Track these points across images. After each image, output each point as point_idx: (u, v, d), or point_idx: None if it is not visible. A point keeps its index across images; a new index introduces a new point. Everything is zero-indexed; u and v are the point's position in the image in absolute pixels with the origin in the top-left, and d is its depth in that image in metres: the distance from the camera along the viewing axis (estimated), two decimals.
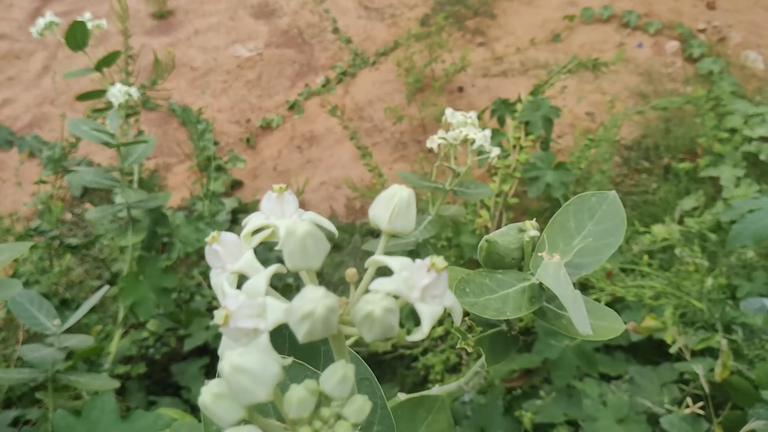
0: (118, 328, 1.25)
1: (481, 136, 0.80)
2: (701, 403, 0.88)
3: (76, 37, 1.18)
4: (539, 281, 0.41)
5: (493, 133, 1.41)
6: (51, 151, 1.74)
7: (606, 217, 0.44)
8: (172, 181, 2.31)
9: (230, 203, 1.93)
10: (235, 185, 2.26)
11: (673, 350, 1.03)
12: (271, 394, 0.24)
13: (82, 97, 1.24)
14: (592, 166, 1.79)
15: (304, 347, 0.37)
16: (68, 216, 1.99)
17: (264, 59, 2.93)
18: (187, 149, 2.35)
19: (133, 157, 1.14)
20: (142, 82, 2.38)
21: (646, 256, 1.29)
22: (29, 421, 1.01)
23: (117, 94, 1.13)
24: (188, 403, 1.28)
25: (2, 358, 1.18)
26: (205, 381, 0.25)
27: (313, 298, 0.24)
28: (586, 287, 1.20)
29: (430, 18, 2.97)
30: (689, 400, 0.89)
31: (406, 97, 2.55)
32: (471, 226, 1.46)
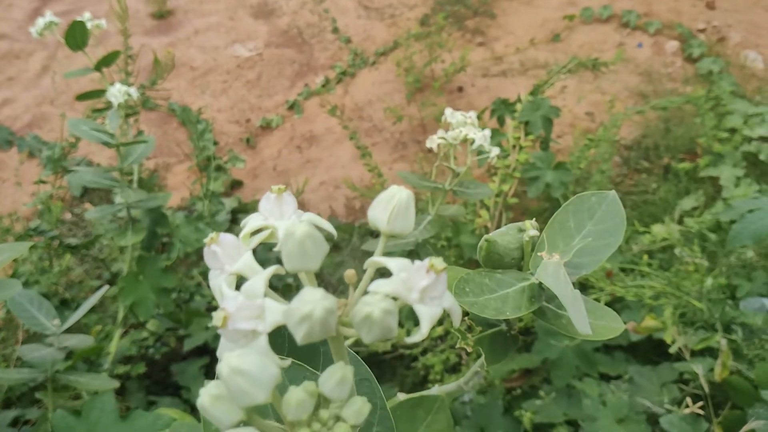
0: (117, 328, 1.25)
1: (481, 136, 0.80)
2: (701, 403, 0.88)
3: (76, 37, 1.18)
4: (539, 281, 0.41)
5: (493, 133, 1.41)
6: (51, 151, 1.74)
7: (605, 217, 0.44)
8: (172, 181, 2.31)
9: (230, 203, 1.93)
10: (235, 185, 2.26)
11: (672, 350, 1.03)
12: (269, 396, 0.24)
13: (82, 97, 1.24)
14: (592, 166, 1.79)
15: (303, 347, 0.37)
16: (68, 216, 1.99)
17: (263, 59, 2.92)
18: (187, 149, 2.35)
19: (133, 157, 1.14)
20: (142, 82, 2.38)
21: (646, 256, 1.29)
22: (29, 421, 1.01)
23: (116, 94, 1.13)
24: (188, 403, 1.28)
25: (2, 358, 1.18)
26: (205, 381, 0.25)
27: (312, 300, 0.24)
28: (586, 287, 1.20)
29: (430, 18, 2.97)
30: (689, 400, 0.89)
31: (406, 97, 2.55)
32: (471, 226, 1.46)
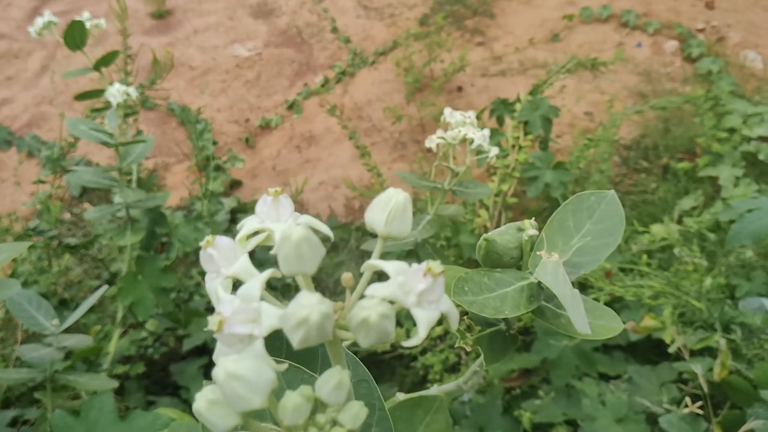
0: (116, 327, 1.24)
1: (480, 135, 0.80)
2: (700, 403, 0.88)
3: (75, 36, 1.17)
4: (538, 280, 0.41)
5: (492, 133, 1.41)
6: (50, 151, 1.74)
7: (605, 217, 0.44)
8: (171, 181, 2.31)
9: (229, 203, 1.93)
10: (234, 185, 2.26)
11: (671, 350, 1.03)
12: (266, 401, 0.24)
13: (81, 97, 1.24)
14: (591, 165, 1.79)
15: (301, 349, 0.37)
16: (67, 216, 1.99)
17: (263, 59, 2.92)
18: (186, 149, 2.34)
19: (132, 157, 1.14)
20: (141, 82, 2.38)
21: (645, 256, 1.29)
22: (28, 421, 1.01)
23: (115, 93, 1.13)
24: (187, 403, 1.28)
25: (1, 358, 1.18)
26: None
27: (308, 304, 0.24)
28: (585, 287, 1.20)
29: (429, 18, 2.97)
30: (688, 400, 0.89)
31: (405, 96, 2.55)
32: (470, 226, 1.45)
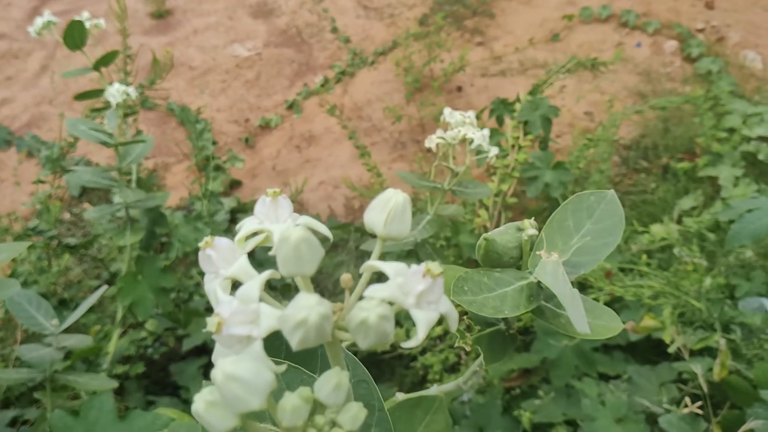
0: (116, 327, 1.24)
1: (480, 135, 0.80)
2: (700, 403, 0.88)
3: (74, 36, 1.17)
4: (537, 280, 0.41)
5: (492, 133, 1.41)
6: (49, 151, 1.73)
7: (604, 216, 0.44)
8: (171, 181, 2.31)
9: (229, 203, 1.93)
10: (234, 185, 2.26)
11: (671, 350, 1.03)
12: (264, 403, 0.24)
13: (81, 97, 1.24)
14: (591, 165, 1.79)
15: (300, 350, 0.37)
16: (66, 216, 1.99)
17: (263, 59, 2.92)
18: (186, 149, 2.34)
19: (132, 157, 1.14)
20: (141, 82, 2.38)
21: (645, 256, 1.29)
22: (27, 421, 1.01)
23: (115, 93, 1.13)
24: (187, 403, 1.28)
25: (0, 358, 1.18)
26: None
27: (307, 306, 0.24)
28: (585, 287, 1.20)
29: (429, 17, 2.97)
30: (688, 400, 0.89)
31: (405, 96, 2.55)
32: (470, 226, 1.45)
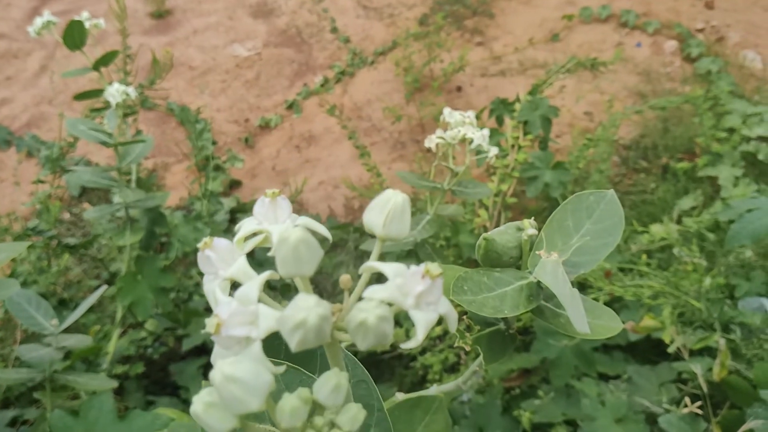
0: (116, 327, 1.24)
1: (479, 135, 0.80)
2: (699, 403, 0.88)
3: (74, 36, 1.17)
4: (537, 279, 0.41)
5: (492, 133, 1.41)
6: (49, 151, 1.73)
7: (604, 216, 0.44)
8: (171, 181, 2.31)
9: (228, 203, 1.93)
10: (234, 185, 2.26)
11: (671, 350, 1.03)
12: (263, 404, 0.24)
13: (80, 97, 1.24)
14: (591, 165, 1.79)
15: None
16: (66, 215, 1.99)
17: (262, 59, 2.92)
18: (186, 149, 2.34)
19: (131, 157, 1.14)
20: (141, 82, 2.38)
21: (645, 256, 1.29)
22: (27, 421, 1.00)
23: (115, 93, 1.13)
24: (186, 403, 1.28)
25: (0, 358, 1.18)
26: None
27: (306, 307, 0.24)
28: (585, 287, 1.20)
29: (429, 17, 2.97)
30: (687, 400, 0.89)
31: (405, 96, 2.55)
32: (469, 226, 1.45)
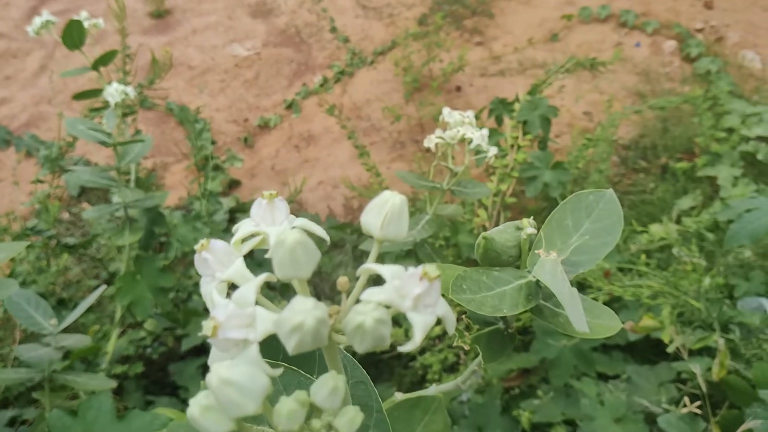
0: (115, 327, 1.24)
1: (479, 135, 0.80)
2: (698, 403, 0.88)
3: (73, 36, 1.17)
4: (536, 279, 0.41)
5: (491, 133, 1.41)
6: (48, 151, 1.73)
7: (603, 216, 0.44)
8: (170, 181, 2.31)
9: (228, 202, 1.93)
10: (233, 184, 2.25)
11: (670, 349, 1.03)
12: (260, 407, 0.24)
13: (79, 97, 1.24)
14: (590, 165, 1.79)
15: None
16: (65, 215, 1.98)
17: (262, 58, 2.92)
18: (185, 148, 2.34)
19: (130, 157, 1.14)
20: (140, 82, 2.38)
21: (644, 256, 1.29)
22: (26, 421, 1.00)
23: (114, 93, 1.13)
24: (185, 403, 1.27)
25: None
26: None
27: (303, 310, 0.24)
28: (584, 286, 1.20)
29: (428, 17, 2.97)
30: (686, 400, 0.89)
31: (404, 96, 2.55)
32: (469, 226, 1.45)
